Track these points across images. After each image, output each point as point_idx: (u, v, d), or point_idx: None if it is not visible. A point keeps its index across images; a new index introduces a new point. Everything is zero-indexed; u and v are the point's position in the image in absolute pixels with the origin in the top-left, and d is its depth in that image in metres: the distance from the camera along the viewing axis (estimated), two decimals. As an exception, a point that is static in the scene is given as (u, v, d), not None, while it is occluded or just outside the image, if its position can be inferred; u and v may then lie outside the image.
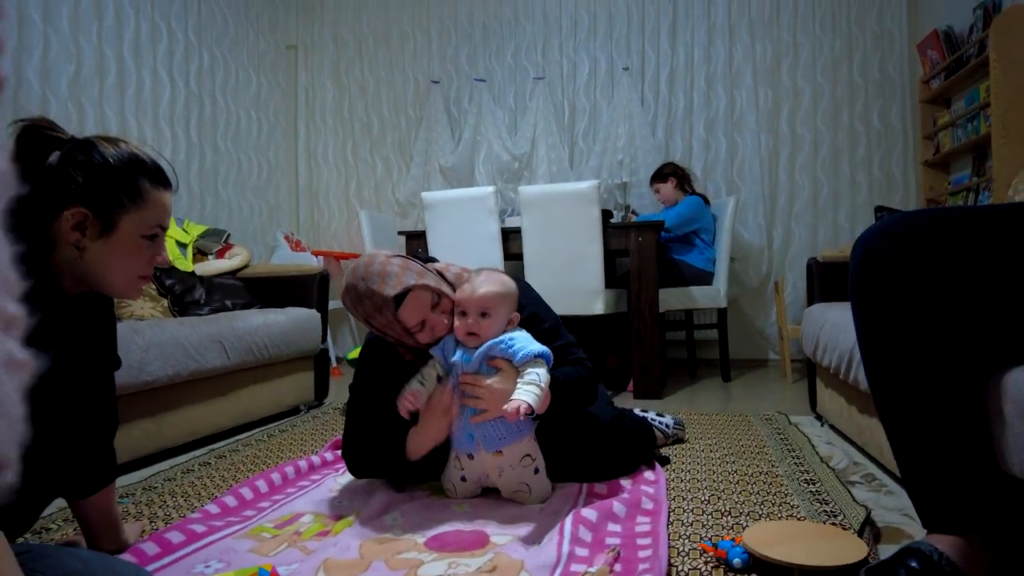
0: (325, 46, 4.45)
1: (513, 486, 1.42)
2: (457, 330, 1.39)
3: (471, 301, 1.37)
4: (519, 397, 1.25)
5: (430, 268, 1.46)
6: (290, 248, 4.09)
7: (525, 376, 1.32)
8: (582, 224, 2.75)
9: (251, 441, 2.14)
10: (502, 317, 1.39)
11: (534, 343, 1.37)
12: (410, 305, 1.36)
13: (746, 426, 2.15)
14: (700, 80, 3.82)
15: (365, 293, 1.37)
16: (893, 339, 0.96)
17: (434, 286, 1.38)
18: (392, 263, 1.38)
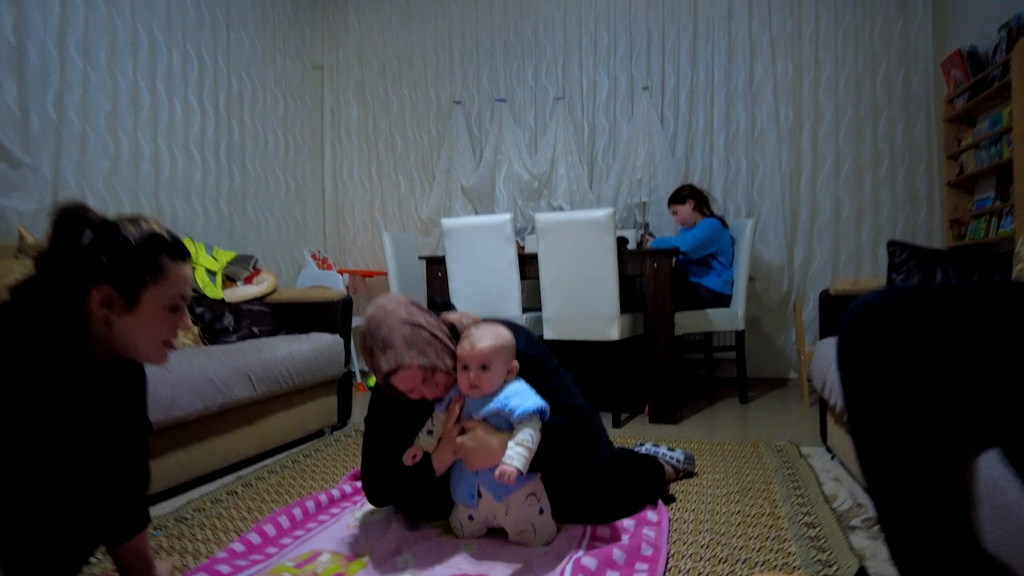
0: (350, 66, 4.56)
1: (519, 526, 1.49)
2: (460, 383, 1.46)
3: (471, 356, 1.43)
4: (510, 462, 1.34)
5: (440, 330, 1.51)
6: (316, 266, 4.21)
7: (517, 436, 1.39)
8: (597, 251, 2.80)
9: (277, 468, 2.24)
10: (501, 369, 1.46)
11: (530, 398, 1.44)
12: (399, 378, 1.44)
13: (756, 458, 2.18)
14: (720, 98, 3.83)
15: (368, 351, 1.46)
16: (875, 415, 1.00)
17: (427, 364, 1.43)
18: (397, 334, 1.43)
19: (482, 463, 1.45)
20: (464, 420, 1.49)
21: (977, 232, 3.19)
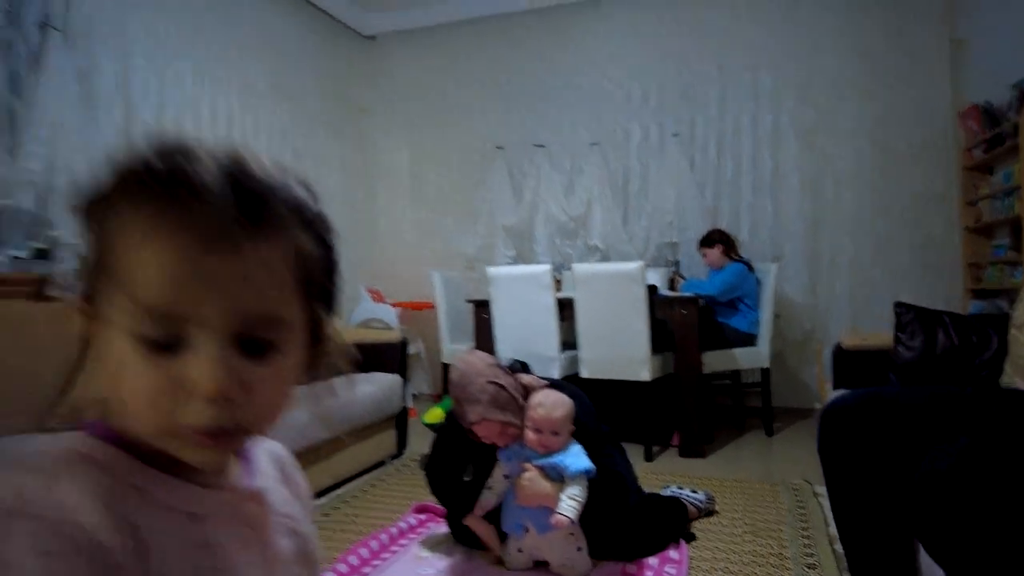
0: (400, 114, 4.94)
1: (560, 560, 1.79)
2: (531, 442, 1.77)
3: (545, 423, 1.74)
4: (564, 512, 1.65)
5: (516, 390, 1.83)
6: (371, 299, 4.57)
7: (568, 490, 1.69)
8: (629, 300, 3.07)
9: (349, 497, 2.57)
10: (567, 433, 1.78)
11: (582, 460, 1.74)
12: (481, 428, 1.77)
13: (772, 497, 2.43)
14: (747, 145, 4.07)
15: (456, 400, 1.80)
16: (844, 492, 1.27)
17: (503, 419, 1.76)
18: (484, 392, 1.75)
19: (531, 501, 1.76)
20: (522, 462, 1.80)
21: (992, 278, 3.37)
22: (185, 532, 0.46)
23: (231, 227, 0.42)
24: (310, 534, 0.59)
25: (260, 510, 0.52)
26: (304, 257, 0.47)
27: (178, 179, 0.42)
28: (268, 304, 0.45)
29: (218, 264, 0.42)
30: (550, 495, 1.72)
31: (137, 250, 0.42)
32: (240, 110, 3.64)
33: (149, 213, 0.42)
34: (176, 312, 0.42)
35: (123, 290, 0.42)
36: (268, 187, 0.45)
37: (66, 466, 0.43)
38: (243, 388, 0.44)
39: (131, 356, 0.42)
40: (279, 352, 0.46)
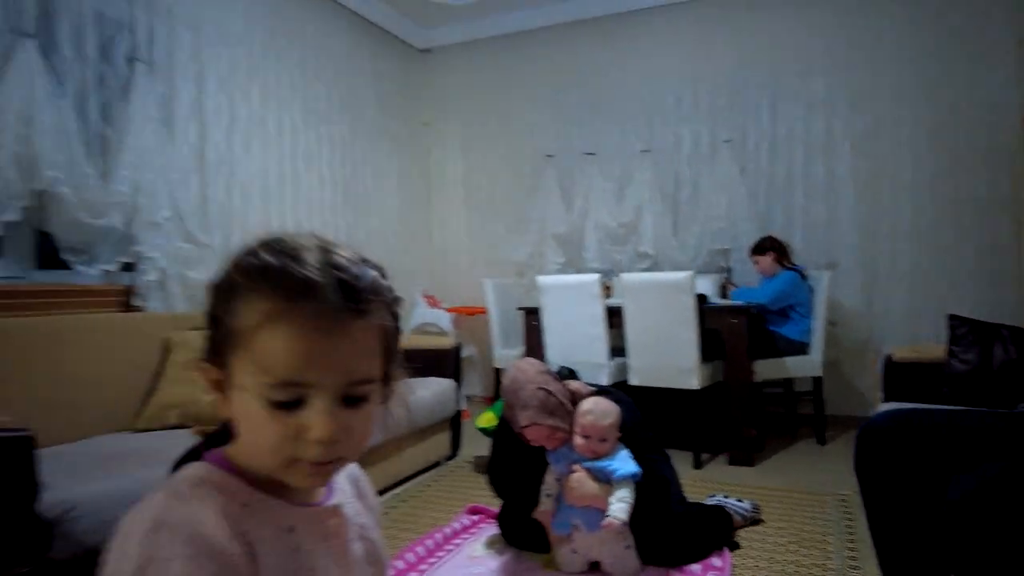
0: (454, 126, 5.08)
1: (611, 558, 1.87)
2: (580, 447, 1.86)
3: (594, 430, 1.83)
4: (616, 515, 1.74)
5: (564, 396, 1.92)
6: (427, 305, 4.73)
7: (617, 493, 1.78)
8: (677, 309, 3.12)
9: (406, 496, 2.72)
10: (614, 439, 1.87)
11: (629, 464, 1.82)
12: (531, 431, 1.88)
13: (819, 508, 2.45)
14: (799, 151, 4.04)
15: (508, 405, 1.92)
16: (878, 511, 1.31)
17: (553, 425, 1.85)
18: (534, 397, 1.87)
19: (580, 501, 1.85)
20: (572, 464, 1.90)
21: (1059, 286, 3.26)
22: (282, 541, 0.60)
23: (341, 318, 0.57)
24: (378, 540, 0.74)
25: (339, 522, 0.67)
26: (385, 331, 0.63)
27: (296, 279, 0.57)
28: (364, 370, 0.60)
29: (331, 346, 0.57)
30: (598, 495, 1.81)
31: (269, 335, 0.56)
32: (303, 126, 3.84)
33: (276, 306, 0.56)
34: (300, 382, 0.56)
35: (256, 364, 0.57)
36: (362, 281, 0.60)
37: (195, 489, 0.58)
38: (345, 432, 0.58)
39: (261, 413, 0.57)
40: (368, 401, 0.61)
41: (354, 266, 0.61)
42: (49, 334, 2.17)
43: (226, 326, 0.59)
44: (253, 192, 3.46)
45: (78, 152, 2.46)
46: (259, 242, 0.61)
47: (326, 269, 0.58)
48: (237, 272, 0.59)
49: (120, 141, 2.65)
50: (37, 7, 2.35)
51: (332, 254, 0.60)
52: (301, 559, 0.61)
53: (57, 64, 2.43)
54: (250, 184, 3.43)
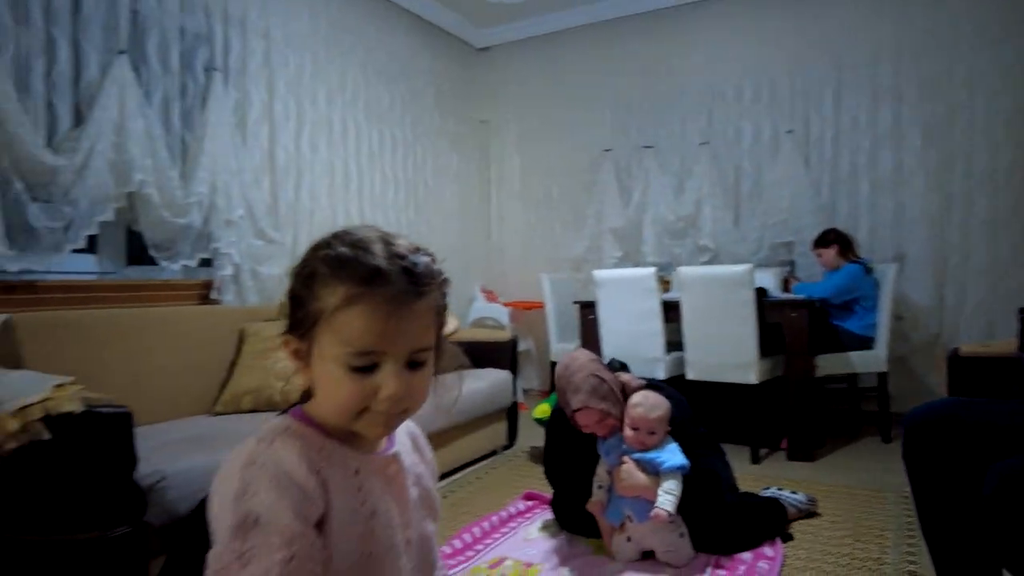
0: (512, 123, 5.16)
1: (665, 546, 1.91)
2: (629, 439, 1.91)
3: (644, 422, 1.88)
4: (662, 506, 1.78)
5: (615, 384, 1.98)
6: (485, 299, 4.84)
7: (664, 485, 1.81)
8: (736, 303, 3.10)
9: (464, 483, 2.82)
10: (662, 432, 1.91)
11: (677, 456, 1.86)
12: (582, 415, 1.94)
13: (879, 504, 2.41)
14: (865, 142, 3.92)
15: (563, 390, 1.98)
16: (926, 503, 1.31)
17: (604, 409, 1.91)
18: (586, 382, 1.93)
19: (629, 491, 1.90)
20: (622, 457, 1.95)
21: None
22: (349, 481, 0.73)
23: (406, 299, 0.70)
24: (432, 488, 0.87)
25: (397, 468, 0.80)
26: (438, 306, 0.76)
27: (369, 268, 0.69)
28: (423, 339, 0.73)
29: (399, 322, 0.70)
30: (647, 486, 1.85)
31: (349, 314, 0.69)
32: (367, 125, 3.99)
33: (354, 291, 0.69)
34: (375, 351, 0.70)
35: (338, 337, 0.69)
36: (420, 267, 0.73)
37: (280, 435, 0.72)
38: (408, 389, 0.71)
39: (342, 376, 0.70)
40: (425, 364, 0.74)
41: (412, 254, 0.73)
42: (138, 325, 2.36)
43: (309, 307, 0.71)
44: (320, 191, 3.63)
45: (163, 157, 2.67)
46: (333, 235, 0.74)
47: (391, 258, 0.71)
48: (318, 262, 0.71)
49: (199, 145, 2.85)
50: (130, 25, 2.55)
51: (393, 244, 0.73)
52: (364, 496, 0.73)
53: (145, 76, 2.64)
54: (317, 184, 3.60)
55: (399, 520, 0.77)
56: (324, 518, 0.70)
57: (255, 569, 0.63)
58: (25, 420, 1.51)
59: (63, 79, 2.35)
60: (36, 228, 2.28)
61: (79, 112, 2.43)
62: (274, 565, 0.63)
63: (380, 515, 0.74)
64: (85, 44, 2.42)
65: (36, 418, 1.52)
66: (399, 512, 0.78)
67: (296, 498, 0.67)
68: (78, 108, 2.43)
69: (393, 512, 0.76)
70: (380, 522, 0.74)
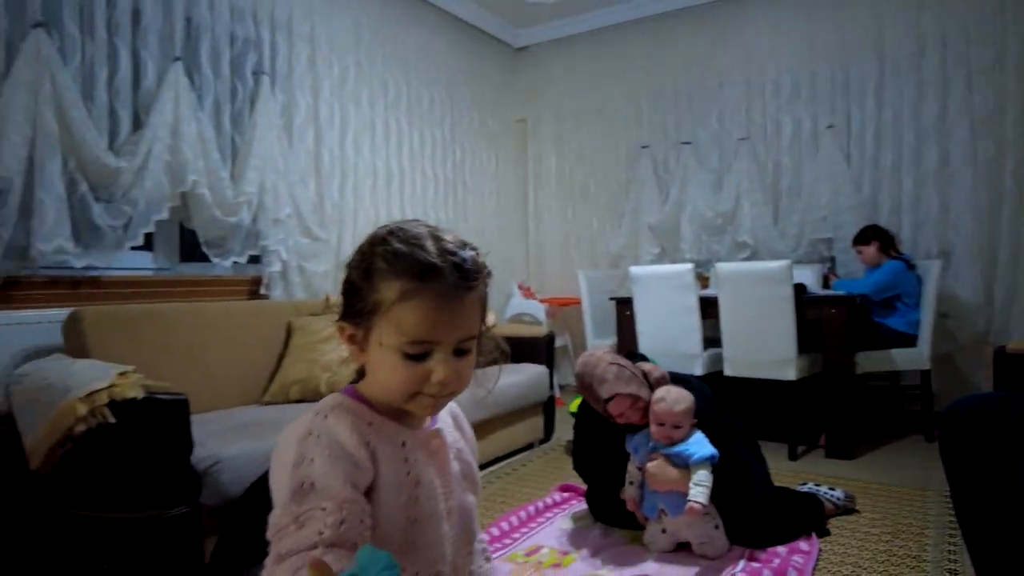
0: (549, 121, 5.20)
1: (700, 538, 1.93)
2: (655, 434, 1.94)
3: (668, 416, 1.91)
4: (695, 499, 1.80)
5: (636, 370, 2.03)
6: (522, 295, 4.89)
7: (695, 477, 1.84)
8: (774, 300, 3.08)
9: (501, 474, 2.88)
10: (688, 424, 1.93)
11: (705, 447, 1.88)
12: (614, 404, 1.97)
13: (920, 503, 2.38)
14: (909, 136, 3.84)
15: (588, 385, 2.01)
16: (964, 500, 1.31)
17: (633, 392, 1.95)
18: (609, 371, 1.98)
19: (662, 486, 1.93)
20: (651, 453, 1.98)
21: None
22: (396, 452, 0.80)
23: (458, 294, 0.77)
24: (473, 463, 0.93)
25: (439, 442, 0.86)
26: (483, 298, 0.83)
27: (423, 264, 0.76)
28: (470, 329, 0.79)
29: (450, 314, 0.76)
30: (678, 480, 1.88)
31: (405, 307, 0.75)
32: (408, 127, 4.08)
33: (409, 286, 0.75)
34: (428, 340, 0.76)
35: (395, 327, 0.76)
36: (468, 263, 0.79)
37: (333, 410, 0.79)
38: (456, 375, 0.78)
39: (397, 362, 0.77)
40: (471, 352, 0.81)
41: (460, 250, 0.79)
42: (192, 318, 2.49)
43: (368, 298, 0.78)
44: (363, 191, 3.73)
45: (214, 158, 2.79)
46: (388, 231, 0.81)
47: (443, 254, 0.77)
48: (377, 257, 0.78)
49: (248, 147, 2.97)
50: (184, 33, 2.68)
51: (443, 240, 0.79)
52: (409, 467, 0.80)
53: (198, 81, 2.77)
54: (360, 184, 3.70)
55: (441, 489, 0.84)
56: (373, 486, 0.77)
57: (309, 531, 0.69)
58: (93, 405, 1.63)
59: (124, 86, 2.49)
60: (99, 226, 2.42)
61: (137, 117, 2.57)
62: (327, 528, 0.69)
63: (424, 484, 0.81)
64: (144, 53, 2.56)
65: (103, 403, 1.63)
66: (441, 482, 0.84)
67: (348, 467, 0.73)
68: (137, 113, 2.56)
69: (435, 482, 0.83)
70: (424, 491, 0.80)
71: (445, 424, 0.91)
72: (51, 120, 2.23)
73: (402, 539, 0.78)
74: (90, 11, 2.37)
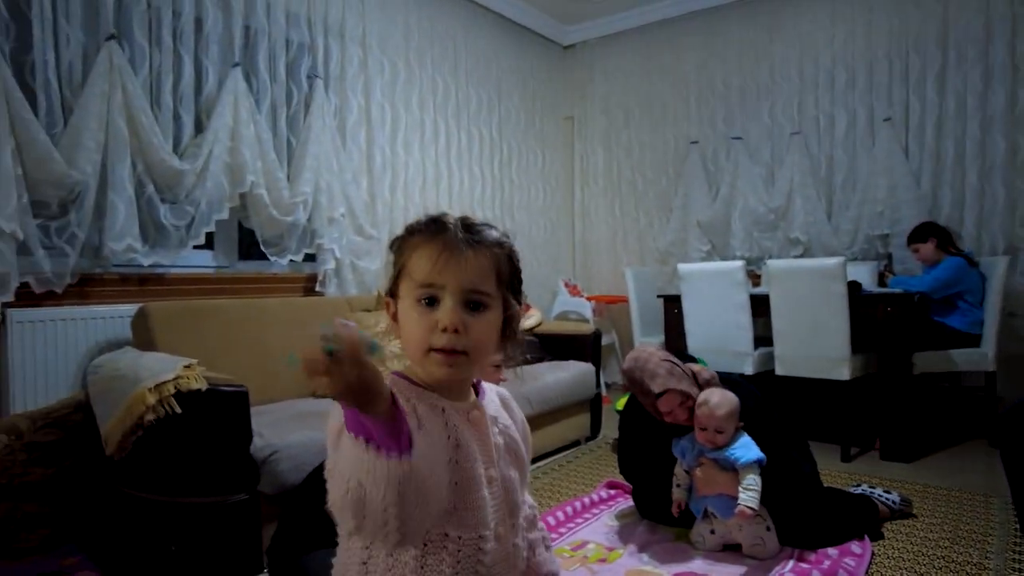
0: (597, 118, 5.18)
1: (752, 540, 1.92)
2: (699, 437, 1.93)
3: (710, 421, 1.90)
4: (745, 503, 1.79)
5: (686, 370, 2.02)
6: (568, 293, 4.90)
7: (744, 481, 1.82)
8: (827, 298, 3.01)
9: (548, 470, 2.90)
10: (732, 428, 1.92)
11: (752, 450, 1.86)
12: (664, 400, 1.97)
13: (983, 509, 2.29)
14: (973, 127, 3.69)
15: (639, 380, 2.01)
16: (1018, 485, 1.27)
17: (684, 389, 1.95)
18: (661, 367, 1.98)
19: (710, 490, 1.92)
20: (697, 456, 1.97)
21: None
22: (437, 417, 0.83)
23: (460, 245, 0.83)
24: (519, 441, 0.95)
25: (479, 415, 0.89)
26: (498, 263, 0.87)
27: (437, 226, 0.86)
28: (478, 283, 0.83)
29: (454, 260, 0.82)
30: (726, 483, 1.87)
31: (417, 257, 0.84)
32: (456, 126, 4.14)
33: (423, 240, 0.85)
34: (434, 283, 0.82)
35: (410, 278, 0.84)
36: (480, 228, 0.87)
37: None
38: (465, 326, 0.81)
39: (413, 312, 0.83)
40: (486, 310, 0.84)
41: (480, 223, 0.88)
42: (251, 314, 2.59)
43: (396, 267, 0.87)
44: (413, 190, 3.80)
45: (271, 160, 2.89)
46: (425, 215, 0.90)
47: (456, 221, 0.87)
48: (407, 230, 0.89)
49: (303, 148, 3.07)
50: (243, 39, 2.79)
51: (467, 217, 0.88)
52: (449, 431, 0.83)
53: (255, 86, 2.87)
54: (411, 183, 3.77)
55: (481, 456, 0.86)
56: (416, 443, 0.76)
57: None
58: (161, 395, 1.72)
59: (187, 92, 2.61)
60: (165, 226, 2.55)
61: (199, 121, 2.69)
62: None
63: (463, 447, 0.83)
64: (205, 59, 2.68)
65: (169, 394, 1.73)
66: (481, 449, 0.86)
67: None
68: (199, 117, 2.68)
69: (475, 447, 0.85)
70: (463, 453, 0.83)
71: (491, 403, 0.94)
72: (122, 126, 2.36)
73: (446, 502, 0.81)
74: (157, 21, 2.50)
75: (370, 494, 0.71)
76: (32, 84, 2.22)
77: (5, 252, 2.10)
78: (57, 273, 2.28)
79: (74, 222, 2.29)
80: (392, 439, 0.72)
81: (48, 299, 2.29)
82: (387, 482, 0.70)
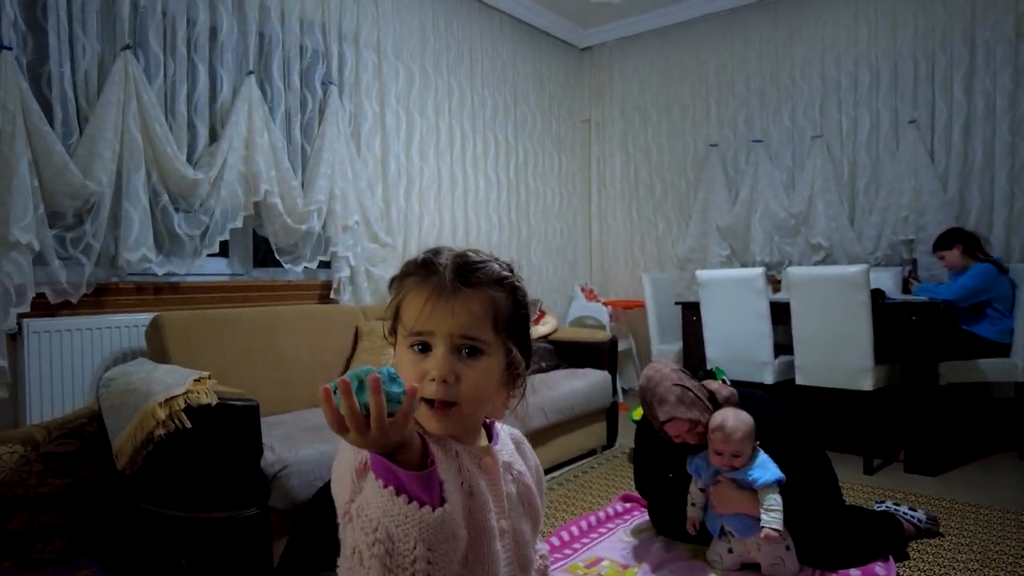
0: (614, 121, 5.13)
1: (771, 559, 1.87)
2: (716, 461, 1.89)
3: (726, 446, 1.85)
4: (769, 524, 1.75)
5: (701, 392, 1.97)
6: (585, 298, 4.86)
7: (765, 502, 1.78)
8: (850, 307, 2.94)
9: (563, 480, 2.87)
10: (750, 449, 1.87)
11: (769, 470, 1.81)
12: (671, 426, 1.93)
13: (1013, 527, 2.22)
14: (1002, 129, 3.59)
15: (649, 403, 1.98)
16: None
17: (692, 418, 1.90)
18: (671, 392, 1.93)
19: (727, 508, 1.88)
20: (714, 475, 1.93)
21: None
22: (450, 461, 0.78)
23: (451, 289, 0.78)
24: (533, 488, 0.90)
25: (491, 460, 0.85)
26: (495, 305, 0.81)
27: (429, 266, 0.80)
28: (471, 329, 0.78)
29: (444, 306, 0.77)
30: (744, 502, 1.82)
31: (407, 301, 0.80)
32: (471, 131, 4.11)
33: (414, 283, 0.80)
34: (424, 331, 0.78)
35: (403, 322, 0.80)
36: (476, 265, 0.80)
37: None
38: (456, 375, 0.77)
39: (407, 358, 0.79)
40: (481, 356, 0.79)
41: (475, 257, 0.82)
42: (266, 322, 2.58)
43: (393, 305, 0.83)
44: (428, 197, 3.78)
45: (285, 168, 2.89)
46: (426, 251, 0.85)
47: (451, 260, 0.80)
48: (403, 270, 0.84)
49: (317, 156, 3.06)
50: (257, 48, 2.79)
51: (465, 252, 0.82)
52: (463, 477, 0.79)
53: (269, 93, 2.87)
54: (426, 190, 3.75)
55: (494, 506, 0.81)
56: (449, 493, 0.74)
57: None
58: (171, 410, 1.71)
59: (202, 101, 2.61)
60: (179, 235, 2.55)
61: (214, 130, 2.69)
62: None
63: (476, 495, 0.78)
64: (219, 68, 2.68)
65: (180, 408, 1.72)
66: (494, 498, 0.81)
67: None
68: (213, 126, 2.68)
69: (487, 495, 0.80)
70: (476, 502, 0.78)
71: (506, 447, 0.89)
72: (137, 136, 2.37)
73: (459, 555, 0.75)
74: (172, 31, 2.50)
75: (398, 546, 0.67)
76: (48, 95, 2.23)
77: (22, 263, 2.12)
78: (73, 283, 2.29)
79: (89, 232, 2.30)
80: (424, 490, 0.69)
81: (64, 309, 2.30)
82: (419, 534, 0.67)
